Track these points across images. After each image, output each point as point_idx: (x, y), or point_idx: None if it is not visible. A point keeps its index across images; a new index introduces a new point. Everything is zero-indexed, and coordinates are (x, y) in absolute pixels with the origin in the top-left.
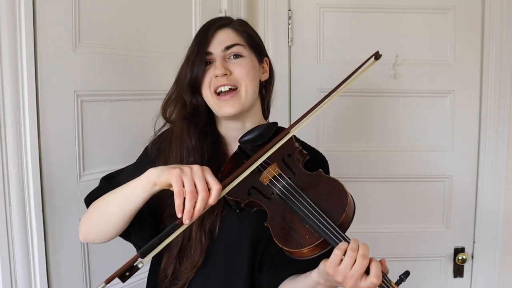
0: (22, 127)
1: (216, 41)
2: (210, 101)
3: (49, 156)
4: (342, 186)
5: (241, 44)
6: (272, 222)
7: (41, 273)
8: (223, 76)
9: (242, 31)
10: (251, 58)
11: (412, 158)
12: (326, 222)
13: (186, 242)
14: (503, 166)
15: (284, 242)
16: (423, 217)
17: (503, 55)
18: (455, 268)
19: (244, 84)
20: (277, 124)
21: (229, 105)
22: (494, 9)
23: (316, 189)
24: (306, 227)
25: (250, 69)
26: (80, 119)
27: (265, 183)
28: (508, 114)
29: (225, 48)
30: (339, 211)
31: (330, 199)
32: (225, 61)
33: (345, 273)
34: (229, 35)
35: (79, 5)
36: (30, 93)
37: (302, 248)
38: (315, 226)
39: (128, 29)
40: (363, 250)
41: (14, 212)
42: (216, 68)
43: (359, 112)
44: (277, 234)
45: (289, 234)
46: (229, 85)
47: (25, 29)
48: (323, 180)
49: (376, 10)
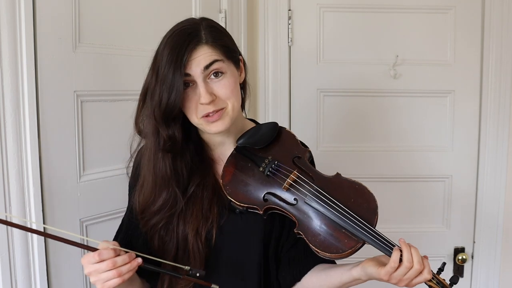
0: (22, 127)
1: (193, 62)
2: (197, 123)
3: (49, 156)
4: (366, 188)
5: (220, 60)
6: (304, 228)
7: (41, 273)
8: (209, 103)
9: (217, 44)
10: (231, 70)
11: (412, 158)
12: (364, 225)
13: (182, 251)
14: (503, 166)
15: (323, 248)
16: (423, 217)
17: (503, 55)
18: (455, 268)
19: (231, 102)
20: (277, 125)
21: (219, 124)
22: (494, 9)
23: (342, 193)
24: (342, 231)
25: (234, 86)
26: (80, 119)
27: (285, 189)
28: (508, 114)
29: (204, 68)
30: (371, 213)
31: (359, 202)
32: (206, 83)
33: (399, 278)
34: (205, 52)
35: (79, 5)
36: (30, 93)
37: (343, 252)
38: (353, 230)
39: (128, 29)
40: (417, 257)
41: (14, 212)
42: (201, 96)
43: (359, 112)
44: (312, 240)
45: (326, 239)
46: (216, 110)
47: (25, 29)
48: (345, 183)
49: (376, 10)
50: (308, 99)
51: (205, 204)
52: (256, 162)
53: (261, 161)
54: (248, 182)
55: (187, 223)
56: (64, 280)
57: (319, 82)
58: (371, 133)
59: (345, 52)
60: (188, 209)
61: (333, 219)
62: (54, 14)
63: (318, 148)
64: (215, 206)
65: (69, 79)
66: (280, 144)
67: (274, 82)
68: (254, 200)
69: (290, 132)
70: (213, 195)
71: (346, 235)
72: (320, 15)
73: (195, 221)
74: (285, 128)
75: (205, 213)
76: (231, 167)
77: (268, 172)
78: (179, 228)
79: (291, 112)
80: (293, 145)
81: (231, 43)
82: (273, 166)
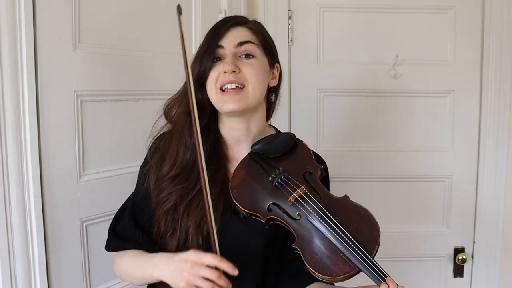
0: (22, 127)
1: (229, 36)
2: (214, 97)
3: (49, 156)
4: (372, 215)
5: (255, 43)
6: (302, 245)
7: (41, 273)
8: (231, 73)
9: (257, 31)
10: (262, 60)
11: (412, 158)
12: (362, 254)
13: (183, 245)
14: (503, 166)
15: (318, 269)
16: (423, 217)
17: (503, 55)
18: (455, 268)
19: (252, 84)
20: (295, 137)
21: (233, 101)
22: (494, 9)
23: (346, 216)
24: (339, 255)
25: (260, 71)
26: (80, 119)
27: (290, 203)
28: (508, 114)
29: (237, 44)
30: (372, 242)
31: (361, 228)
32: (236, 58)
33: None
34: (244, 33)
35: (79, 5)
36: (30, 93)
37: (336, 276)
38: (351, 256)
39: (128, 29)
40: None
41: (14, 212)
42: (226, 63)
43: (359, 112)
44: (308, 259)
45: (322, 260)
46: (237, 83)
47: (25, 29)
48: (352, 207)
49: (376, 10)
50: (308, 99)
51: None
52: (266, 170)
53: (271, 171)
54: (255, 189)
55: (191, 215)
56: (64, 280)
57: (319, 82)
58: (370, 133)
59: (345, 52)
60: (195, 201)
61: (332, 241)
62: (54, 14)
63: (318, 148)
64: (222, 203)
65: (69, 79)
66: (294, 156)
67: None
68: (258, 208)
69: (306, 146)
70: (221, 191)
71: (343, 259)
72: (320, 15)
73: (199, 214)
74: (302, 141)
75: None
76: (242, 171)
77: (277, 183)
78: (183, 220)
79: (291, 112)
80: (307, 160)
81: (272, 43)
82: (282, 177)
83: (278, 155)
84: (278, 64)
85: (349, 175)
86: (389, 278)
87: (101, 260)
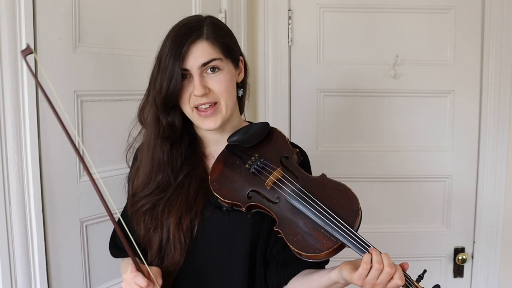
0: (22, 127)
1: (191, 57)
2: (191, 115)
3: (49, 156)
4: (350, 190)
5: (218, 58)
6: (283, 227)
7: (41, 273)
8: (202, 96)
9: (217, 42)
10: (228, 69)
11: (412, 158)
12: (343, 226)
13: (166, 241)
14: (503, 166)
15: (300, 247)
16: (423, 217)
17: (503, 55)
18: (455, 268)
19: (224, 99)
20: (268, 125)
21: (210, 120)
22: (494, 9)
23: (325, 193)
24: (321, 231)
25: (229, 83)
26: (80, 119)
27: (268, 187)
28: (508, 114)
29: (201, 65)
30: (353, 215)
31: (341, 203)
32: (202, 77)
33: (372, 283)
34: (205, 50)
35: (79, 5)
36: (30, 93)
37: (320, 252)
38: (332, 231)
39: (128, 29)
40: (388, 260)
41: (14, 212)
42: (195, 88)
43: (359, 112)
44: (290, 239)
45: (305, 239)
46: (209, 103)
47: (25, 29)
48: (330, 184)
49: (376, 10)
50: (308, 99)
51: (191, 194)
52: (243, 159)
53: (248, 159)
54: (234, 179)
55: (171, 212)
56: (64, 280)
57: (319, 82)
58: (370, 133)
59: (345, 52)
60: (174, 198)
61: (313, 218)
62: (54, 14)
63: (318, 148)
64: (201, 197)
65: (69, 79)
66: (270, 143)
67: (274, 82)
68: (238, 197)
69: (281, 132)
70: (200, 186)
71: (325, 235)
72: (320, 15)
73: (179, 210)
74: (276, 129)
75: (190, 203)
76: (220, 164)
77: (254, 170)
78: (164, 217)
79: (291, 112)
80: (282, 146)
81: (233, 42)
82: (258, 164)
83: (254, 143)
84: (241, 56)
85: (348, 175)
86: (372, 248)
87: (101, 260)
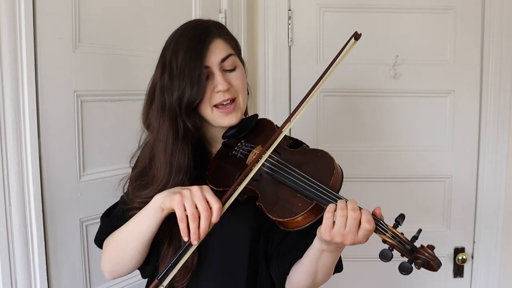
0: (22, 127)
1: (211, 54)
2: (210, 115)
3: (49, 156)
4: (327, 154)
5: (233, 54)
6: (264, 199)
7: (41, 273)
8: (225, 91)
9: (228, 39)
10: (241, 65)
11: (412, 158)
12: (315, 185)
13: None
14: (503, 166)
15: (278, 214)
16: (423, 217)
17: (503, 55)
18: (455, 268)
19: (241, 94)
20: (257, 116)
21: (232, 116)
22: (494, 9)
23: (302, 160)
24: (297, 196)
25: (244, 79)
26: (80, 119)
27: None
28: (508, 114)
29: (221, 60)
30: (327, 174)
31: (317, 166)
32: (224, 73)
33: (341, 233)
34: (221, 46)
35: (79, 5)
36: (30, 93)
37: (296, 215)
38: (306, 191)
39: (128, 29)
40: (352, 204)
41: (14, 212)
42: (218, 83)
43: (359, 112)
44: (269, 209)
45: (282, 205)
46: (230, 99)
47: (25, 29)
48: (308, 152)
49: (376, 10)
50: None
51: None
52: (234, 148)
53: (236, 146)
54: (227, 169)
55: None
56: (64, 280)
57: None
58: (370, 133)
59: None
60: None
61: (288, 184)
62: (54, 14)
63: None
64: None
65: (69, 79)
66: (258, 131)
67: (274, 82)
68: (227, 183)
69: (269, 120)
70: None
71: (301, 199)
72: (320, 15)
73: None
74: (266, 118)
75: None
76: (216, 158)
77: (240, 154)
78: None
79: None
80: (269, 130)
81: (237, 42)
82: (244, 148)
83: (245, 134)
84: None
85: (348, 175)
86: (342, 200)
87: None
